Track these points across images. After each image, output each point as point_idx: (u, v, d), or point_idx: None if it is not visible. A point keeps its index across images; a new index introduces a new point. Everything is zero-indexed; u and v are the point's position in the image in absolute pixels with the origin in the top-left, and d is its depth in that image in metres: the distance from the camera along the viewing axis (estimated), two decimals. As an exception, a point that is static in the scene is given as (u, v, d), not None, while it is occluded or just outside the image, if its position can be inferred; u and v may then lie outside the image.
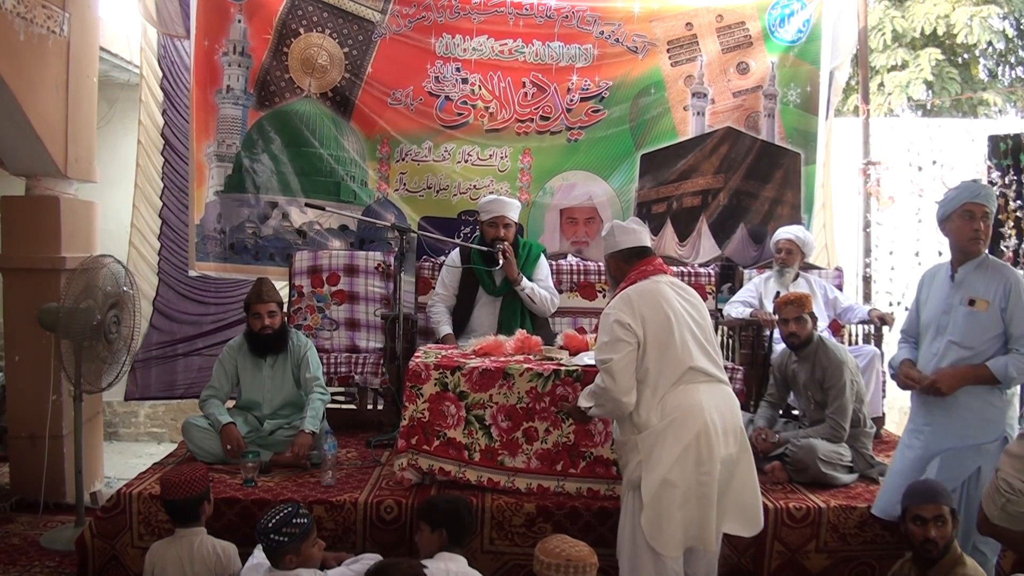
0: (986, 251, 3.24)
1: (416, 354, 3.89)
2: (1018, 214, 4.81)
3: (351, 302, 5.00)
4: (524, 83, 5.42)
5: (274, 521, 2.73)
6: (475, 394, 3.60)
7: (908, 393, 3.44)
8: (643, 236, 3.24)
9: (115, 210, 5.87)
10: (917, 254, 5.61)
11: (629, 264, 3.16)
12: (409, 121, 5.39)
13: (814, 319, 4.06)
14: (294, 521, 2.74)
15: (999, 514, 2.54)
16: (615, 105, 5.47)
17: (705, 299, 5.02)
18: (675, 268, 5.12)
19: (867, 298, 5.64)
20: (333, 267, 5.04)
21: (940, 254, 4.53)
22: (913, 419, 3.38)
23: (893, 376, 3.56)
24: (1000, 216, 4.78)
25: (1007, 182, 4.82)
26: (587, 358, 3.72)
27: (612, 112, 5.47)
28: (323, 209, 5.15)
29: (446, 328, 4.59)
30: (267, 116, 5.28)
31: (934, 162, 5.72)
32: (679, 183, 5.54)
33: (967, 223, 3.17)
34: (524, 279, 4.53)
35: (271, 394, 4.13)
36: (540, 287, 4.62)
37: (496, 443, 3.60)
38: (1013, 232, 4.76)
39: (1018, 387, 3.31)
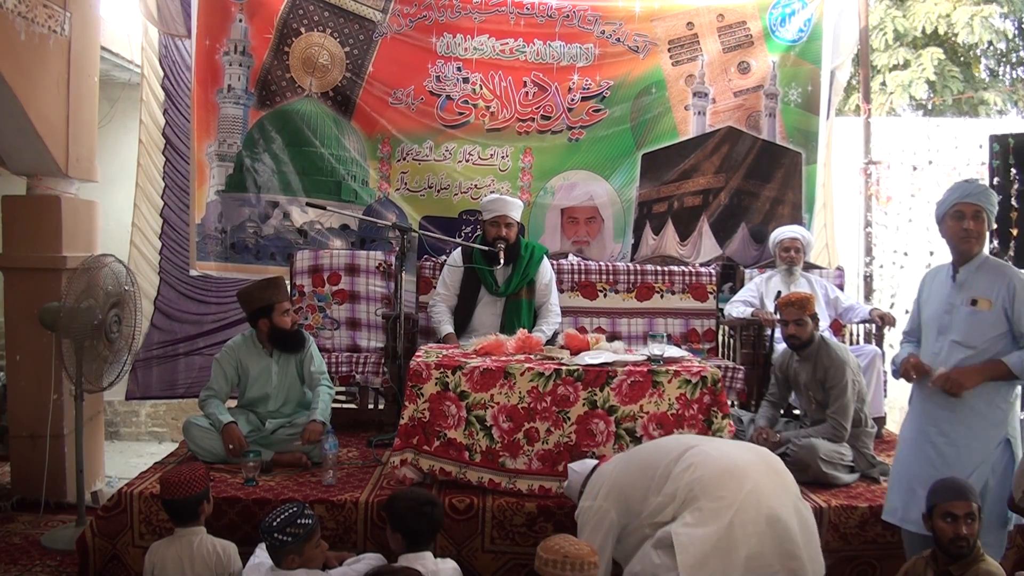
0: (984, 251, 3.24)
1: (417, 353, 3.89)
2: (1018, 210, 4.81)
3: (352, 301, 5.01)
4: (525, 82, 5.42)
5: (279, 520, 2.73)
6: (476, 394, 3.60)
7: (908, 393, 3.43)
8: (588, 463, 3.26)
9: (116, 209, 5.87)
10: (906, 254, 5.63)
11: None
12: (410, 120, 5.39)
13: (816, 320, 4.05)
14: (298, 522, 2.74)
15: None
16: (616, 104, 5.47)
17: (706, 299, 5.09)
18: (676, 267, 5.15)
19: (868, 298, 5.64)
20: (334, 266, 5.04)
21: (932, 254, 4.57)
22: (916, 420, 3.33)
23: (895, 374, 3.53)
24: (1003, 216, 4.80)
25: (999, 184, 4.82)
26: (588, 358, 3.72)
27: (613, 111, 5.47)
28: (324, 208, 5.16)
29: (447, 328, 4.59)
30: (268, 115, 5.28)
31: (930, 162, 5.73)
32: (680, 183, 5.54)
33: (957, 223, 3.18)
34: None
35: (278, 390, 4.14)
36: (546, 325, 4.64)
37: (497, 444, 3.59)
38: (1016, 231, 4.75)
39: (1020, 390, 3.31)
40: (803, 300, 4.03)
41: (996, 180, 4.79)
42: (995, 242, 4.68)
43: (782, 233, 5.09)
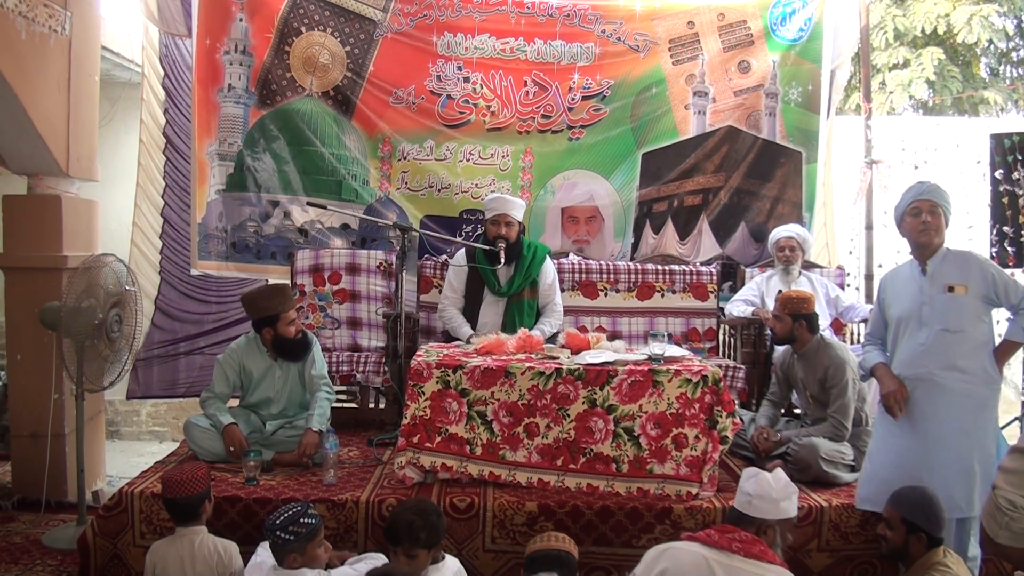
0: (943, 243, 3.37)
1: (418, 353, 3.90)
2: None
3: (353, 301, 5.01)
4: (526, 82, 5.42)
5: (282, 519, 2.74)
6: (477, 391, 3.61)
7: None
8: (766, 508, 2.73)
9: (117, 209, 5.87)
10: (898, 252, 5.67)
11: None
12: (411, 120, 5.39)
13: (809, 321, 4.04)
14: (302, 520, 2.74)
15: (1005, 534, 2.45)
16: (616, 104, 5.47)
17: (707, 298, 5.10)
18: (677, 267, 5.15)
19: (869, 297, 5.63)
20: (335, 266, 5.04)
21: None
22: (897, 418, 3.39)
23: (864, 377, 3.72)
24: (1011, 212, 4.84)
25: (1011, 178, 4.83)
26: (588, 357, 3.73)
27: (613, 111, 5.47)
28: (325, 208, 5.15)
29: (467, 329, 4.58)
30: (269, 115, 5.28)
31: (925, 162, 5.74)
32: (680, 182, 5.54)
33: (915, 219, 3.35)
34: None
35: (281, 394, 4.13)
36: (547, 324, 4.65)
37: (497, 437, 3.61)
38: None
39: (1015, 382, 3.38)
40: (788, 298, 4.06)
41: (1009, 176, 4.82)
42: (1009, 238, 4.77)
43: (778, 233, 5.09)
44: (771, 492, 2.72)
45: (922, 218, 3.32)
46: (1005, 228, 4.85)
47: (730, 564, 2.53)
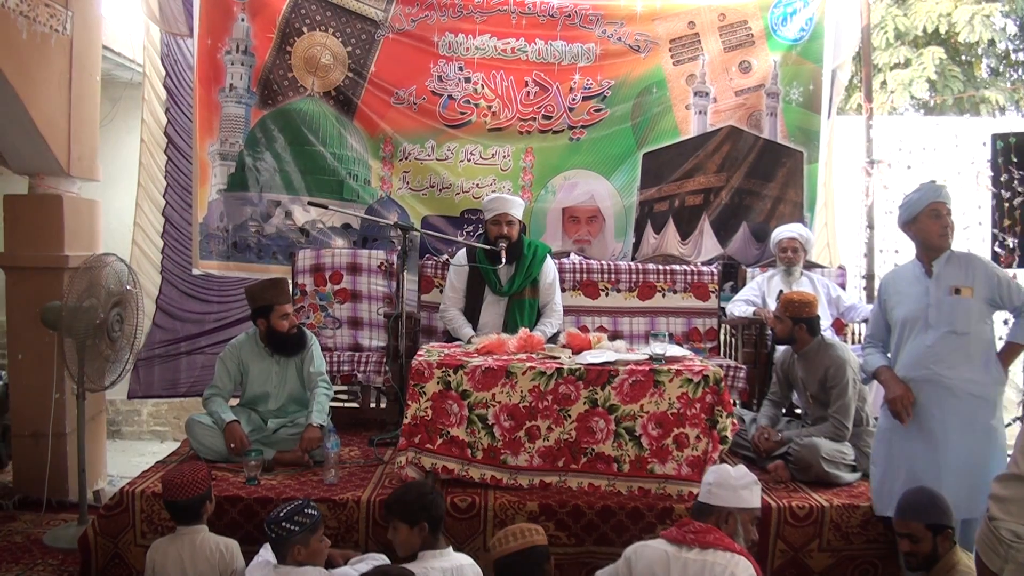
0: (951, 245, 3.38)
1: (419, 352, 3.90)
2: (1018, 213, 4.82)
3: (354, 300, 5.01)
4: (527, 82, 5.42)
5: (285, 511, 2.77)
6: (478, 393, 3.61)
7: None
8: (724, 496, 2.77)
9: (118, 208, 5.88)
10: (897, 251, 5.67)
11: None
12: (412, 120, 5.39)
13: (809, 324, 4.03)
14: (305, 511, 2.78)
15: (1011, 567, 2.23)
16: (617, 104, 5.47)
17: (708, 298, 5.10)
18: (678, 266, 5.15)
19: (870, 296, 5.64)
20: (336, 265, 5.04)
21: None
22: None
23: (865, 380, 3.73)
24: (998, 215, 4.84)
25: (1000, 180, 4.83)
26: (589, 357, 3.73)
27: (614, 111, 5.47)
28: (326, 208, 5.15)
29: (468, 330, 4.58)
30: (270, 115, 5.29)
31: (922, 162, 5.75)
32: (681, 182, 5.54)
33: (935, 221, 3.31)
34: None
35: (278, 389, 4.15)
36: (547, 324, 4.65)
37: (499, 442, 3.61)
38: (1019, 229, 4.76)
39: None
40: (790, 301, 4.06)
41: (999, 178, 4.81)
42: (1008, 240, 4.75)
43: (780, 233, 5.08)
44: (730, 480, 2.77)
45: (943, 221, 3.30)
46: (997, 230, 4.85)
47: (682, 556, 2.58)
